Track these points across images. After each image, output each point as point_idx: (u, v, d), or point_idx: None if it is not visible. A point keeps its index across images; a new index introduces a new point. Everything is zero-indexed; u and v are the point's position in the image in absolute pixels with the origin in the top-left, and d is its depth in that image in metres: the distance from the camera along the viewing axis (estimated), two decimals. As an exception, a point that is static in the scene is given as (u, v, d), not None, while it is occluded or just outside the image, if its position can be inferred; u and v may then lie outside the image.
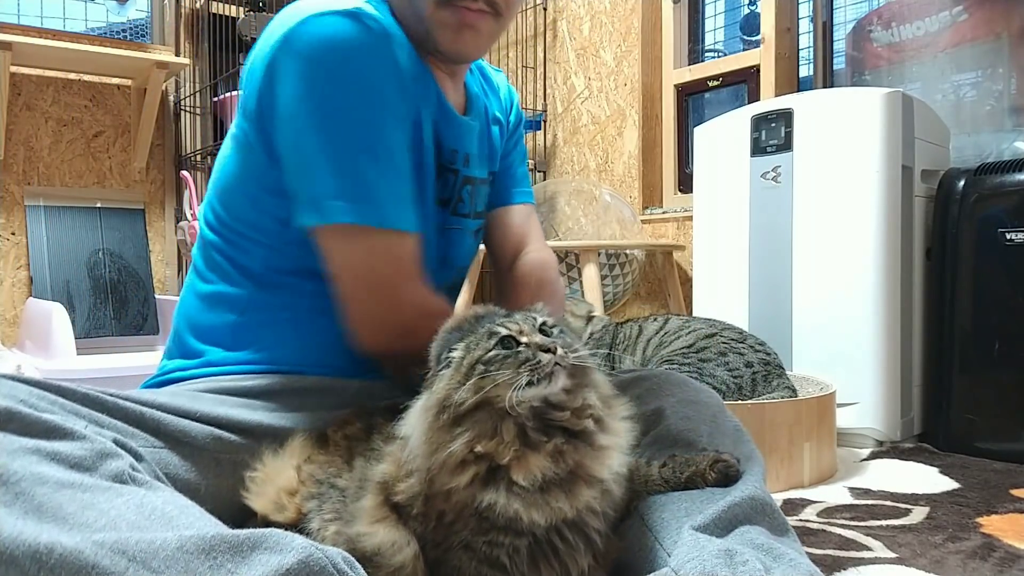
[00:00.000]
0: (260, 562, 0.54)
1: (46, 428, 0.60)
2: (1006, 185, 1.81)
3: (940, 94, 2.32)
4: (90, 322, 2.77)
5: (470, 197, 1.02)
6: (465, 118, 1.00)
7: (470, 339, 0.70)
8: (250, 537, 0.56)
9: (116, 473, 0.60)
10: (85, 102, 2.93)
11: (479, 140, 1.03)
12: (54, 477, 0.56)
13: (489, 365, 0.66)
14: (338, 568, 0.57)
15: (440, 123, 0.95)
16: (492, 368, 0.66)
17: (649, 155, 3.02)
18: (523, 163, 1.19)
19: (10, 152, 2.78)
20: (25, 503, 0.53)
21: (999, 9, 2.21)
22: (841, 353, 1.91)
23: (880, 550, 1.15)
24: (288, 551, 0.55)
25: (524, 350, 0.67)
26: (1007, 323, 1.78)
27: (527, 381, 0.65)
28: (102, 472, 0.59)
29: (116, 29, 3.06)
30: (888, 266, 1.88)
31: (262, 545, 0.55)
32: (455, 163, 0.98)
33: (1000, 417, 1.78)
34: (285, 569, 0.54)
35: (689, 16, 3.01)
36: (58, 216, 2.84)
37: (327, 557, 0.57)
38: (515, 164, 1.16)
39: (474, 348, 0.69)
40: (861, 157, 1.89)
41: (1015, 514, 1.33)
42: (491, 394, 0.65)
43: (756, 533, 0.70)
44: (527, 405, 0.65)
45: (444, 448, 0.65)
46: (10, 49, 2.50)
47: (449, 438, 0.66)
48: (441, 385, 0.67)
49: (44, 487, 0.55)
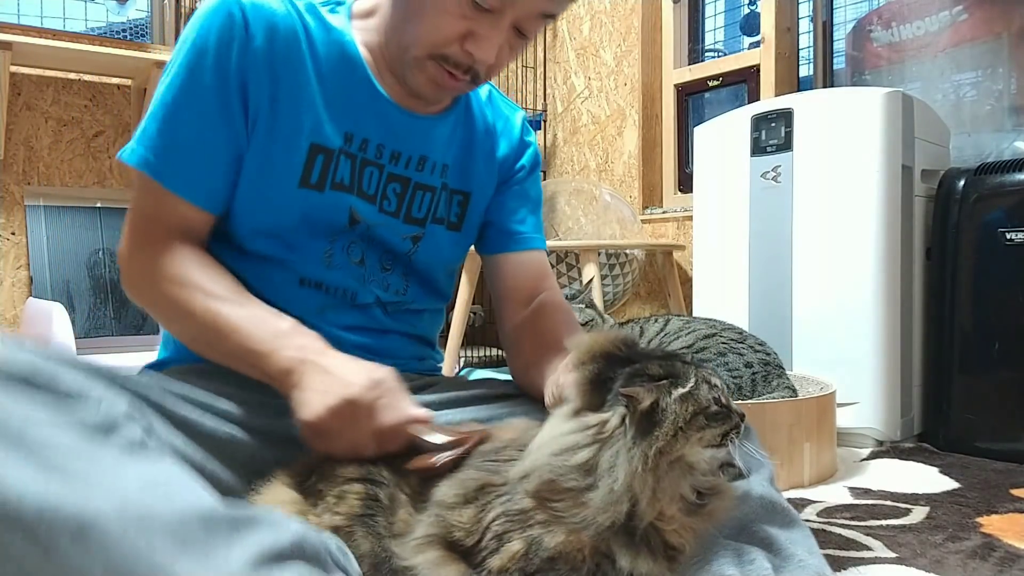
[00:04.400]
0: (256, 538, 0.55)
1: (63, 392, 0.61)
2: (1006, 185, 1.81)
3: (940, 94, 2.32)
4: (90, 322, 2.77)
5: (399, 198, 0.97)
6: (409, 113, 0.95)
7: (688, 386, 0.63)
8: (249, 513, 0.57)
9: (129, 441, 0.61)
10: (85, 102, 2.93)
11: (442, 149, 0.99)
12: (66, 440, 0.56)
13: (711, 421, 0.62)
14: (331, 553, 0.58)
15: (359, 112, 0.92)
16: (714, 424, 0.62)
17: (649, 155, 3.02)
18: (526, 206, 1.10)
19: (10, 152, 2.78)
20: (35, 462, 0.53)
21: (999, 9, 2.21)
22: (841, 353, 1.91)
23: (880, 550, 1.15)
24: (284, 530, 0.57)
25: (736, 411, 0.64)
26: (1007, 323, 1.78)
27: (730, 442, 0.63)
28: (114, 438, 0.60)
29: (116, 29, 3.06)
30: (888, 266, 1.88)
31: (260, 522, 0.56)
32: (381, 159, 0.94)
33: (1000, 417, 1.78)
34: (280, 547, 0.55)
35: (689, 16, 3.01)
36: (58, 216, 2.84)
37: (322, 541, 0.58)
38: (515, 206, 1.08)
39: (695, 398, 0.63)
40: (861, 157, 1.89)
41: (1015, 514, 1.33)
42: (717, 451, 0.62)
43: (766, 532, 0.70)
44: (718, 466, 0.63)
45: (665, 497, 0.61)
46: (10, 49, 2.50)
47: (671, 486, 0.61)
48: (663, 431, 0.61)
49: (55, 449, 0.55)
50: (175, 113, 0.86)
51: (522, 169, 1.09)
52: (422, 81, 0.89)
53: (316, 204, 0.90)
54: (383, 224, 0.96)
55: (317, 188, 0.90)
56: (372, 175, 0.94)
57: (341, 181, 0.92)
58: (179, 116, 0.86)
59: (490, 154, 1.05)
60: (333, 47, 0.92)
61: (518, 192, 1.09)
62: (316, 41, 0.90)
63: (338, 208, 0.92)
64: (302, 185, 0.89)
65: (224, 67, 0.85)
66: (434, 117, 0.98)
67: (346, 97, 0.92)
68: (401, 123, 0.95)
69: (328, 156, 0.91)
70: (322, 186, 0.91)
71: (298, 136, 0.89)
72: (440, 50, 0.85)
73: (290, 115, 0.88)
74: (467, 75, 0.87)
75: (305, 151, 0.89)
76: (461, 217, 1.04)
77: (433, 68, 0.87)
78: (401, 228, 0.98)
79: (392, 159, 0.95)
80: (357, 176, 0.93)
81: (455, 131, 1.01)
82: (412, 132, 0.96)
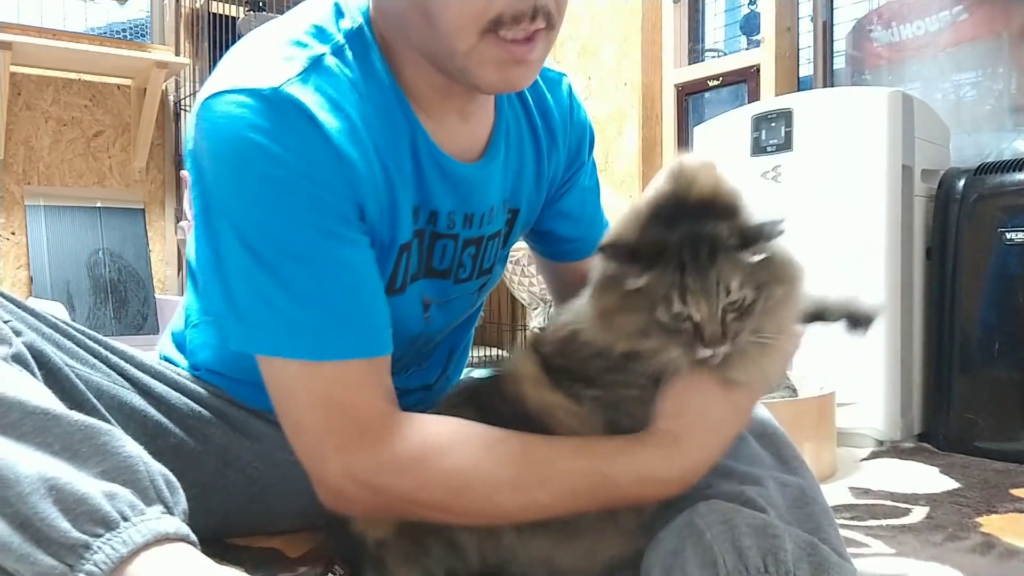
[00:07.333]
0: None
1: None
2: (1006, 185, 1.81)
3: (940, 94, 2.32)
4: (90, 322, 2.77)
5: (473, 260, 0.85)
6: (472, 167, 0.80)
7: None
8: (89, 431, 0.60)
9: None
10: (85, 102, 2.93)
11: (500, 186, 0.85)
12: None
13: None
14: (155, 484, 0.60)
15: (423, 182, 0.77)
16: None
17: (649, 155, 3.02)
18: (587, 204, 0.98)
19: (10, 152, 2.78)
20: None
21: (999, 9, 2.21)
22: (841, 353, 1.91)
23: (880, 549, 1.15)
24: (113, 455, 0.59)
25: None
26: (1007, 323, 1.78)
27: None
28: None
29: (116, 29, 3.06)
30: (888, 266, 1.88)
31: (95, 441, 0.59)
32: (454, 228, 0.80)
33: (1000, 417, 1.77)
34: (103, 467, 0.58)
35: (689, 16, 3.01)
36: (58, 216, 2.84)
37: (148, 471, 0.60)
38: (585, 206, 0.97)
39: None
40: (861, 157, 1.89)
41: (1015, 514, 1.33)
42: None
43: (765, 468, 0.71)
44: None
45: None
46: (10, 49, 2.50)
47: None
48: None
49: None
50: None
51: (580, 167, 0.96)
52: (491, 74, 0.69)
53: (396, 306, 0.76)
54: (458, 295, 0.86)
55: (400, 291, 0.78)
56: (446, 249, 0.81)
57: (413, 271, 0.79)
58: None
59: (539, 160, 0.90)
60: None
61: (576, 193, 0.97)
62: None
63: (412, 301, 0.81)
64: (389, 293, 0.76)
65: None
66: (489, 154, 0.83)
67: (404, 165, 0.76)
68: (466, 179, 0.80)
69: (408, 250, 0.77)
70: (404, 287, 0.78)
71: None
72: (487, 15, 0.65)
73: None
74: (534, 22, 0.66)
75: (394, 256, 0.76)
76: (508, 235, 0.92)
77: (494, 46, 0.67)
78: (473, 286, 0.89)
79: (466, 223, 0.81)
80: (426, 256, 0.80)
81: (508, 153, 0.86)
82: (476, 186, 0.81)
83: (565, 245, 0.98)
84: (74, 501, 0.54)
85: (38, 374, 0.67)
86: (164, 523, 0.57)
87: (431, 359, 0.95)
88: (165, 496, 0.60)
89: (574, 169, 0.96)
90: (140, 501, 0.58)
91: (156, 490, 0.59)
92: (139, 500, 0.58)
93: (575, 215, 0.97)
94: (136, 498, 0.57)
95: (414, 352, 0.89)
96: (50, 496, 0.54)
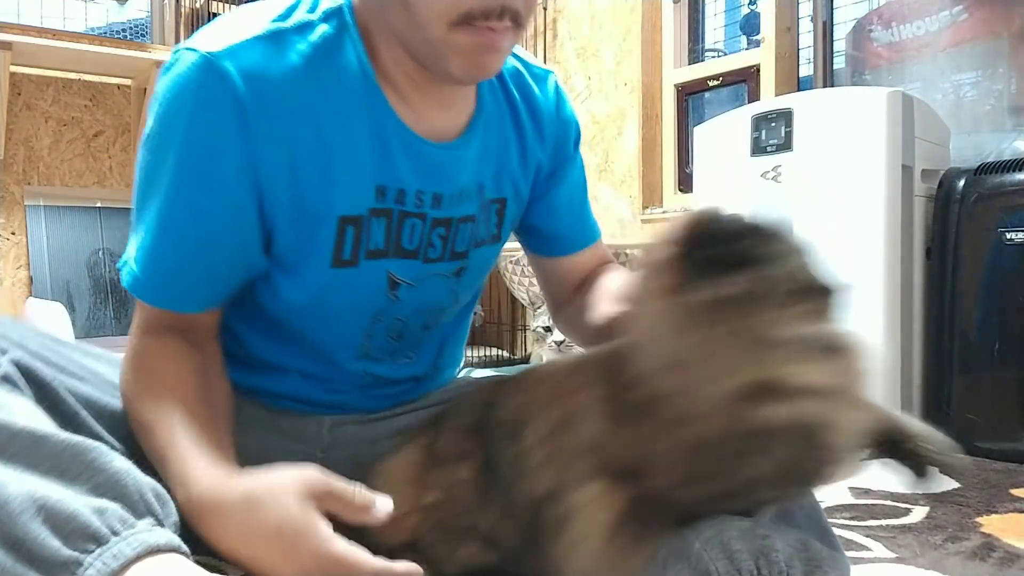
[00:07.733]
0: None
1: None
2: (1006, 185, 1.81)
3: (940, 94, 2.32)
4: (90, 322, 2.77)
5: (443, 241, 0.86)
6: (443, 147, 0.83)
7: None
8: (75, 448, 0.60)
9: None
10: (85, 102, 2.93)
11: (474, 170, 0.87)
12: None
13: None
14: (144, 497, 0.60)
15: (389, 161, 0.80)
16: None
17: (649, 155, 3.02)
18: (572, 200, 1.00)
19: (10, 152, 2.78)
20: None
21: (999, 9, 2.21)
22: (841, 353, 1.91)
23: (880, 553, 1.15)
24: (102, 468, 0.60)
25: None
26: (1007, 323, 1.78)
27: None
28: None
29: (116, 29, 3.06)
30: (888, 266, 1.88)
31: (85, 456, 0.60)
32: (422, 207, 0.83)
33: (1000, 417, 1.78)
34: (95, 482, 0.59)
35: (689, 16, 3.01)
36: (58, 216, 2.84)
37: (137, 484, 0.60)
38: (564, 207, 0.99)
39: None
40: (861, 157, 1.89)
41: (1015, 514, 1.34)
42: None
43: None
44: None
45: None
46: (10, 49, 2.50)
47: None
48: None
49: None
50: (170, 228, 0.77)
51: (567, 159, 0.99)
52: (463, 61, 0.73)
53: (349, 280, 0.81)
54: (428, 275, 0.87)
55: (351, 263, 0.81)
56: (415, 228, 0.83)
57: (376, 248, 0.81)
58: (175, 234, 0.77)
59: (524, 150, 0.93)
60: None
61: (564, 188, 0.99)
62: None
63: (374, 278, 0.83)
64: (335, 265, 0.80)
65: (225, 162, 0.74)
66: (464, 137, 0.85)
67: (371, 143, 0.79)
68: (436, 159, 0.82)
69: (358, 225, 0.80)
70: (356, 260, 0.81)
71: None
72: (459, 9, 0.69)
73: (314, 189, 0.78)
74: (501, 21, 0.71)
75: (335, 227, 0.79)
76: (500, 226, 0.93)
77: (467, 37, 0.71)
78: (444, 267, 0.88)
79: (434, 203, 0.83)
80: (394, 235, 0.82)
81: (487, 139, 0.88)
82: (447, 166, 0.84)
83: (555, 240, 1.01)
84: (64, 519, 0.55)
85: (28, 391, 0.67)
86: (155, 535, 0.57)
87: (420, 351, 0.94)
88: (155, 509, 0.60)
89: (560, 160, 0.98)
90: (130, 515, 0.58)
91: (146, 503, 0.60)
92: (129, 514, 0.58)
93: (563, 209, 1.00)
94: (126, 512, 0.58)
95: (386, 333, 0.88)
96: (40, 515, 0.55)
